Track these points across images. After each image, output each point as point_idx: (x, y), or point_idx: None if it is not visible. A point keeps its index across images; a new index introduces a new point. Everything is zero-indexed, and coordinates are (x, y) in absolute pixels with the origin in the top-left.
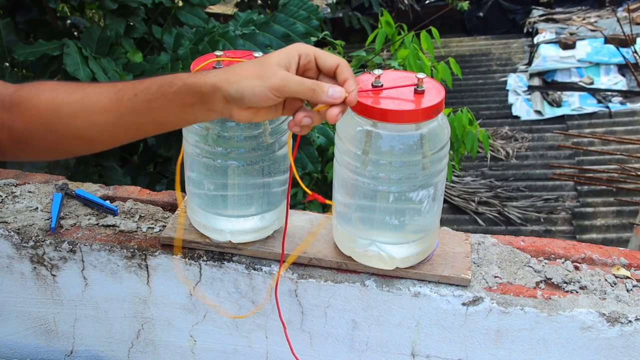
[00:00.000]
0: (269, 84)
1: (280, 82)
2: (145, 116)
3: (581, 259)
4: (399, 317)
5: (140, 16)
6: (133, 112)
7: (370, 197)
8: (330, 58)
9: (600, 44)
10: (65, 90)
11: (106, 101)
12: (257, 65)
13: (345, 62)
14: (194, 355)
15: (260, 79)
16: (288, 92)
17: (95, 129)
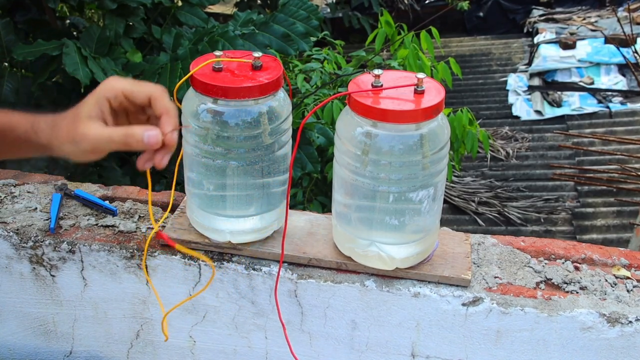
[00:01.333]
0: (82, 148)
1: (91, 146)
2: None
3: (581, 259)
4: (398, 318)
5: (139, 16)
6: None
7: (370, 198)
8: (140, 93)
9: (600, 43)
10: None
11: None
12: (71, 124)
13: (160, 91)
14: (193, 356)
15: (73, 143)
16: (103, 151)
17: None
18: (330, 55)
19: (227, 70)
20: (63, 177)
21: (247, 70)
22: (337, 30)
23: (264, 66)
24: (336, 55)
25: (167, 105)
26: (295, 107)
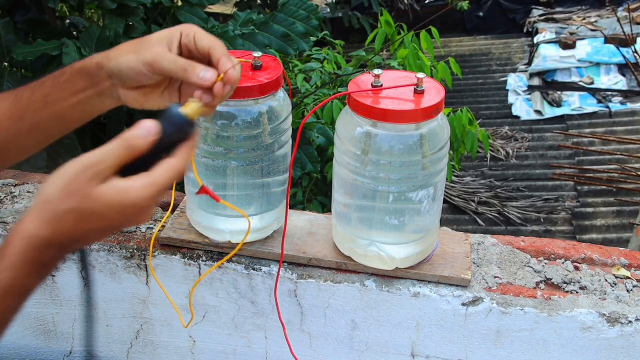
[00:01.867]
0: (142, 58)
1: (152, 58)
2: (44, 113)
3: (581, 259)
4: (398, 318)
5: (139, 16)
6: (33, 111)
7: (370, 198)
8: (204, 40)
9: (600, 43)
10: None
11: (7, 107)
12: (138, 41)
13: (220, 43)
14: (193, 356)
15: (136, 53)
16: (160, 68)
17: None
18: (330, 55)
19: None
20: None
21: (247, 70)
22: (337, 30)
23: (264, 66)
24: (336, 55)
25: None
26: (295, 107)
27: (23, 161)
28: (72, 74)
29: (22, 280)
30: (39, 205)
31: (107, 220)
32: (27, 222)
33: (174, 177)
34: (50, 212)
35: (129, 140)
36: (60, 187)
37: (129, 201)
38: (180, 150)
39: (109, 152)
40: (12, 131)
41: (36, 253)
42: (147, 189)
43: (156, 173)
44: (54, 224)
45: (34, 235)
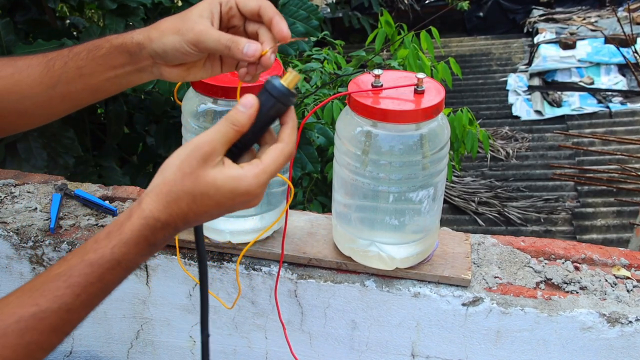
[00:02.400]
0: (186, 38)
1: (196, 37)
2: (77, 83)
3: (581, 259)
4: (398, 318)
5: (139, 16)
6: (65, 81)
7: (370, 198)
8: (251, 2)
9: (600, 43)
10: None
11: (37, 73)
12: (179, 19)
13: (268, 2)
14: (193, 356)
15: (179, 33)
16: (204, 47)
17: (29, 102)
18: (330, 55)
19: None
20: (63, 177)
21: None
22: (337, 30)
23: None
24: (336, 55)
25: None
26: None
27: (23, 161)
28: (110, 49)
29: (132, 256)
30: (158, 184)
31: (218, 204)
32: (147, 201)
33: (283, 162)
34: (167, 194)
35: (231, 117)
36: (176, 167)
37: (242, 189)
38: (285, 133)
39: (215, 131)
40: (42, 97)
41: (149, 233)
42: (258, 177)
43: (267, 159)
44: (170, 206)
45: (149, 216)
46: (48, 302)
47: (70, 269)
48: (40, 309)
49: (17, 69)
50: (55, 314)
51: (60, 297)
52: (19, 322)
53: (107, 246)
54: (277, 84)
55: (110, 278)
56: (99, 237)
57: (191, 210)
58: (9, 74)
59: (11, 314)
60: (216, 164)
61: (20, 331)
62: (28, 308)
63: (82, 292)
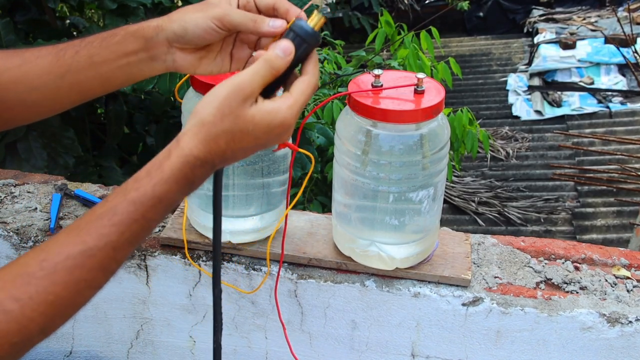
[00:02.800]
0: (211, 14)
1: (222, 12)
2: (88, 72)
3: (581, 259)
4: (398, 318)
5: (139, 16)
6: (75, 70)
7: (370, 198)
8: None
9: (600, 43)
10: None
11: (46, 63)
12: (199, 3)
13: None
14: (193, 356)
15: (202, 11)
16: (230, 21)
17: (37, 93)
18: (330, 55)
19: None
20: (63, 177)
21: None
22: (337, 30)
23: None
24: (336, 55)
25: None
26: None
27: (23, 161)
28: (125, 36)
29: (172, 194)
30: (196, 125)
31: (255, 139)
32: (185, 140)
33: (310, 92)
34: (206, 133)
35: (271, 61)
36: (215, 108)
37: (277, 121)
38: (309, 66)
39: (254, 73)
40: (50, 87)
41: (189, 171)
42: (292, 108)
43: (296, 91)
44: (209, 145)
45: (189, 155)
46: (94, 240)
47: (113, 208)
48: (87, 246)
49: (25, 59)
50: (101, 251)
51: (106, 235)
52: (67, 260)
53: (149, 184)
54: (307, 26)
55: (152, 215)
56: (139, 176)
57: (229, 148)
58: (17, 65)
59: (59, 252)
60: (253, 102)
61: (69, 268)
62: (75, 246)
63: (126, 230)
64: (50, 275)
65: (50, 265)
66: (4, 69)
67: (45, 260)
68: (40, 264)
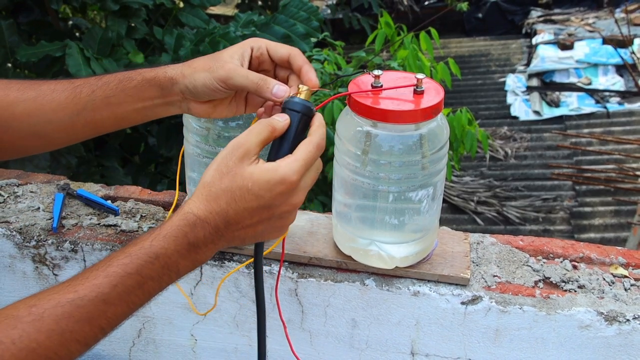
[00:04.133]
0: (216, 75)
1: (226, 74)
2: (103, 112)
3: (579, 258)
4: (398, 316)
5: (141, 17)
6: (91, 108)
7: (370, 197)
8: (282, 48)
9: (598, 44)
10: (18, 88)
11: (62, 98)
12: (210, 58)
13: (298, 50)
14: (194, 354)
15: (209, 70)
16: (233, 83)
17: (51, 127)
18: (330, 56)
19: None
20: (66, 177)
21: None
22: (337, 31)
23: None
24: (336, 56)
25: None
26: None
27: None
28: (142, 82)
29: (169, 252)
30: (199, 187)
31: (257, 198)
32: (188, 202)
33: (314, 152)
34: (207, 193)
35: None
36: (213, 170)
37: (277, 177)
38: (314, 127)
39: (250, 131)
40: (65, 122)
41: (189, 230)
42: (291, 165)
43: (298, 151)
44: (210, 204)
45: (189, 212)
46: (85, 290)
47: (109, 259)
48: (78, 295)
49: (41, 92)
50: (91, 302)
51: (98, 285)
52: (56, 307)
53: (147, 239)
54: (297, 100)
55: (148, 272)
56: (142, 235)
57: (230, 208)
58: (32, 97)
59: (50, 298)
60: (252, 161)
61: (56, 316)
62: (66, 294)
63: (119, 283)
64: (36, 322)
65: (38, 311)
66: (19, 100)
67: (34, 306)
68: (29, 309)
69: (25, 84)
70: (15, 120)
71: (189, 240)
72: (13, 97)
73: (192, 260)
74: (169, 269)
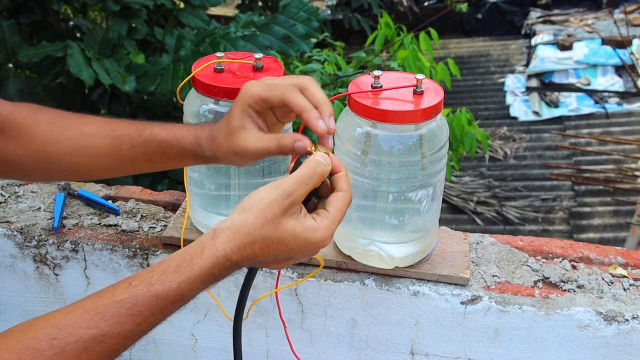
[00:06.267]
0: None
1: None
2: (144, 165)
3: (578, 258)
4: (398, 316)
5: (142, 18)
6: (132, 161)
7: (370, 197)
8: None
9: (597, 45)
10: (62, 126)
11: (103, 147)
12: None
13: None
14: (195, 354)
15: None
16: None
17: (91, 167)
18: (330, 57)
19: (228, 72)
20: None
21: (248, 72)
22: (338, 31)
23: (265, 67)
24: (336, 56)
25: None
26: None
27: None
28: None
29: (195, 292)
30: (238, 223)
31: (288, 251)
32: (221, 239)
33: (346, 209)
34: (244, 236)
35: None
36: (259, 211)
37: (315, 239)
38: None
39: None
40: (105, 168)
41: (217, 271)
42: (329, 228)
43: (334, 210)
44: (245, 250)
45: (222, 257)
46: (109, 327)
47: (135, 297)
48: (100, 332)
49: (82, 135)
50: (114, 339)
51: (122, 324)
52: (78, 343)
53: (175, 280)
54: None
55: (170, 311)
56: (168, 268)
57: (262, 253)
58: (73, 138)
59: (71, 333)
60: (295, 211)
61: (77, 351)
62: (88, 330)
63: (142, 322)
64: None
65: (60, 344)
66: (61, 139)
67: (56, 339)
68: (50, 342)
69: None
70: (57, 156)
71: (216, 279)
72: (55, 135)
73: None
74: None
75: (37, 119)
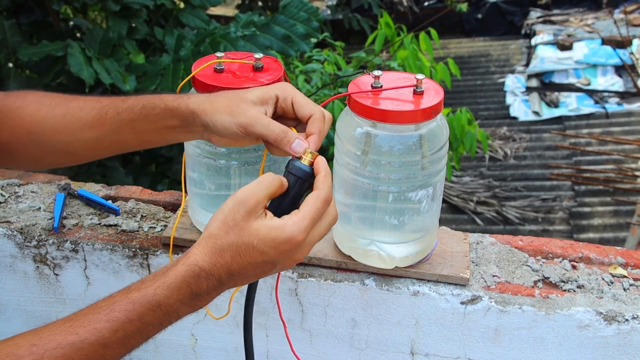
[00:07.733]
0: (237, 120)
1: (246, 121)
2: (128, 135)
3: (578, 258)
4: (398, 316)
5: (142, 18)
6: (116, 130)
7: (370, 197)
8: (306, 108)
9: (597, 45)
10: (50, 104)
11: (89, 118)
12: (234, 98)
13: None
14: (195, 354)
15: (231, 114)
16: (254, 131)
17: (78, 144)
18: (330, 57)
19: (228, 72)
20: (66, 177)
21: (248, 72)
22: (338, 31)
23: (265, 67)
24: (336, 56)
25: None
26: None
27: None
28: (165, 110)
29: (172, 301)
30: (204, 237)
31: (262, 254)
32: (193, 251)
33: (321, 206)
34: (212, 245)
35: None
36: (220, 221)
37: (284, 237)
38: (319, 181)
39: (257, 184)
40: (92, 141)
41: (192, 280)
42: (298, 223)
43: (305, 207)
44: (214, 257)
45: (194, 264)
46: (87, 333)
47: (112, 304)
48: (78, 338)
49: (70, 110)
50: (91, 346)
51: (99, 330)
52: (56, 349)
53: (151, 287)
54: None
55: (149, 319)
56: (146, 278)
57: (235, 262)
58: (61, 114)
59: (51, 339)
60: (259, 215)
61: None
62: (67, 336)
63: (120, 328)
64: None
65: (39, 351)
66: (49, 117)
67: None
68: (30, 348)
69: (56, 100)
70: (45, 136)
71: (192, 290)
72: (43, 114)
73: (193, 307)
74: (170, 315)
75: (25, 100)
